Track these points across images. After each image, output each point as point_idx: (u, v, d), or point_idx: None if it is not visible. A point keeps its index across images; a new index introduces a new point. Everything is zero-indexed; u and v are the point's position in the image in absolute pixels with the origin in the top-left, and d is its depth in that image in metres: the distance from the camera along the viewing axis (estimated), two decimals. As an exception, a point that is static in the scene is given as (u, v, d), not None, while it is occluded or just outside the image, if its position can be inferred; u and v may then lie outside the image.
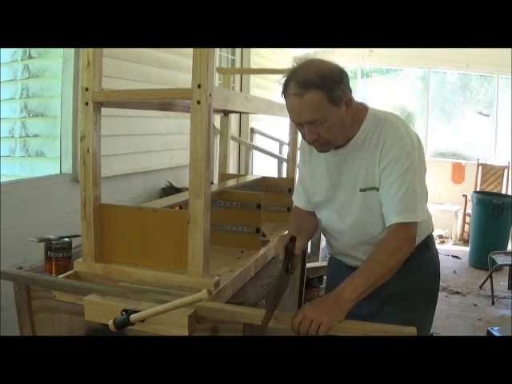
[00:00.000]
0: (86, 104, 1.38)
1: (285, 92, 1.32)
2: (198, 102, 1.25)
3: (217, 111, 2.46)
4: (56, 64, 2.73)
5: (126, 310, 1.19)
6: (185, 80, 1.31)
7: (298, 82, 1.28)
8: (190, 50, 1.26)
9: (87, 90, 1.37)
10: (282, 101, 2.20)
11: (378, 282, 1.27)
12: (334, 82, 1.29)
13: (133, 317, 1.16)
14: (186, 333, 1.18)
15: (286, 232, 1.45)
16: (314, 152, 1.49)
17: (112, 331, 1.18)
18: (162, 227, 1.40)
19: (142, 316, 1.16)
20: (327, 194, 1.49)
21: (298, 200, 1.63)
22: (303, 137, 1.38)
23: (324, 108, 1.29)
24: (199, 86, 1.24)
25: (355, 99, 1.40)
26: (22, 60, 2.87)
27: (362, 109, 1.43)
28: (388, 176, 1.35)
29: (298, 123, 1.35)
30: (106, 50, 1.41)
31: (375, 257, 1.30)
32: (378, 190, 1.38)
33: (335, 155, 1.45)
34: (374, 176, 1.39)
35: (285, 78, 1.33)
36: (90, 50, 1.35)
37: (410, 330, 1.16)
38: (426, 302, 1.51)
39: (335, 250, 1.61)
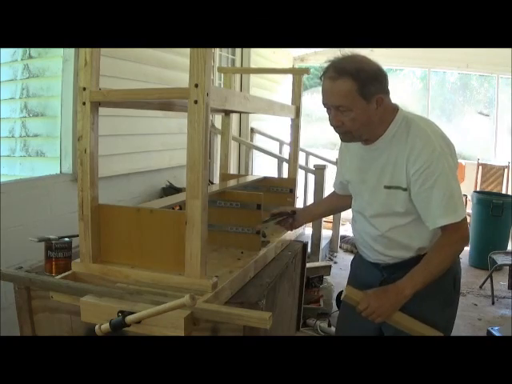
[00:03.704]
0: (84, 104, 1.38)
1: (323, 75, 1.42)
2: (195, 102, 1.25)
3: (216, 111, 2.46)
4: (56, 64, 2.73)
5: (122, 312, 1.19)
6: (185, 79, 1.31)
7: (336, 67, 1.38)
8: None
9: (84, 89, 1.37)
10: (282, 101, 2.23)
11: (431, 280, 1.40)
12: (368, 77, 1.36)
13: (128, 318, 1.15)
14: (181, 334, 1.17)
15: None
16: (350, 146, 1.60)
17: (98, 335, 1.17)
18: (160, 228, 1.40)
19: (137, 318, 1.15)
20: (356, 187, 1.60)
21: (334, 183, 1.83)
22: (329, 121, 1.46)
23: (352, 97, 1.36)
24: (196, 86, 1.24)
25: (391, 101, 1.46)
26: (22, 60, 2.87)
27: (393, 109, 1.47)
28: (423, 183, 1.39)
29: (326, 106, 1.44)
30: (105, 50, 1.41)
31: (432, 258, 1.42)
32: (404, 190, 1.43)
33: (366, 151, 1.52)
34: (400, 176, 1.43)
35: (327, 63, 1.42)
36: (88, 49, 1.35)
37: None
38: (441, 305, 1.52)
39: (358, 245, 1.68)
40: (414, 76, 7.72)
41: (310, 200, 4.37)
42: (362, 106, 1.37)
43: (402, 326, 1.43)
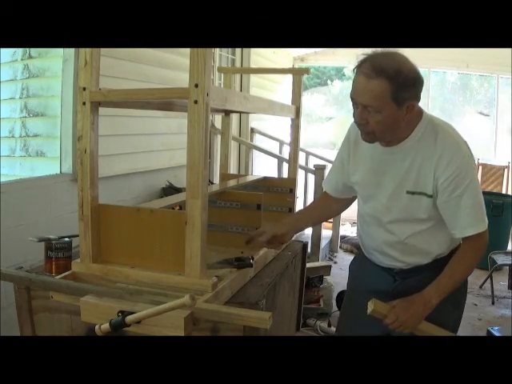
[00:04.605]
0: (84, 104, 1.38)
1: (357, 68, 1.32)
2: (195, 102, 1.25)
3: (216, 111, 2.46)
4: (56, 64, 2.73)
5: (122, 312, 1.19)
6: (185, 80, 1.31)
7: (374, 64, 1.28)
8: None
9: (84, 89, 1.37)
10: (282, 101, 2.18)
11: (455, 288, 1.41)
12: (405, 82, 1.27)
13: (128, 318, 1.15)
14: (182, 334, 1.18)
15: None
16: (359, 146, 1.50)
17: (98, 335, 1.17)
18: (160, 228, 1.40)
19: (137, 318, 1.15)
20: (369, 190, 1.51)
21: (328, 183, 1.69)
22: (354, 116, 1.38)
23: (383, 100, 1.28)
24: (196, 86, 1.24)
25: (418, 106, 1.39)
26: (22, 60, 2.87)
27: (419, 113, 1.41)
28: (453, 190, 1.35)
29: (354, 101, 1.35)
30: (105, 50, 1.41)
31: (457, 267, 1.41)
32: (428, 196, 1.39)
33: (384, 153, 1.44)
34: (426, 182, 1.38)
35: (364, 56, 1.32)
36: (88, 49, 1.35)
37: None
38: (451, 306, 1.52)
39: (367, 248, 1.62)
40: (414, 76, 7.71)
41: (310, 200, 4.37)
42: (391, 111, 1.30)
43: (427, 335, 1.40)
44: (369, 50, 1.33)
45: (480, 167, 6.53)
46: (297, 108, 2.35)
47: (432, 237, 1.46)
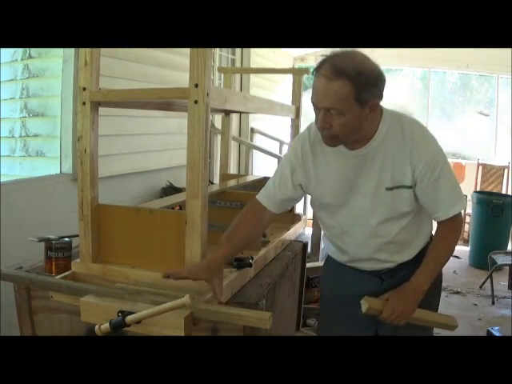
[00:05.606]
0: (84, 104, 1.38)
1: (316, 70, 1.27)
2: (196, 102, 1.25)
3: (216, 111, 2.46)
4: (56, 64, 2.73)
5: (122, 312, 1.19)
6: (185, 80, 1.31)
7: (334, 66, 1.23)
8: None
9: (84, 89, 1.38)
10: (282, 101, 2.14)
11: (441, 269, 1.47)
12: (367, 81, 1.24)
13: (128, 318, 1.15)
14: (182, 334, 1.18)
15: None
16: (319, 154, 1.44)
17: (98, 335, 1.17)
18: (160, 228, 1.40)
19: (137, 318, 1.15)
20: (340, 197, 1.44)
21: (267, 201, 1.50)
22: (316, 121, 1.33)
23: (347, 102, 1.24)
24: (196, 86, 1.25)
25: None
26: (22, 60, 2.87)
27: (380, 110, 1.38)
28: (431, 175, 1.36)
29: (315, 106, 1.30)
30: (105, 50, 1.41)
31: (441, 248, 1.44)
32: (408, 187, 1.38)
33: (352, 156, 1.40)
34: (402, 174, 1.37)
35: (322, 58, 1.28)
36: (88, 49, 1.35)
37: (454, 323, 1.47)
38: (432, 293, 1.50)
39: (350, 258, 1.54)
40: (414, 76, 7.73)
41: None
42: (354, 111, 1.26)
43: (421, 322, 1.43)
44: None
45: (480, 167, 6.53)
46: (297, 108, 2.36)
47: (415, 228, 1.47)
